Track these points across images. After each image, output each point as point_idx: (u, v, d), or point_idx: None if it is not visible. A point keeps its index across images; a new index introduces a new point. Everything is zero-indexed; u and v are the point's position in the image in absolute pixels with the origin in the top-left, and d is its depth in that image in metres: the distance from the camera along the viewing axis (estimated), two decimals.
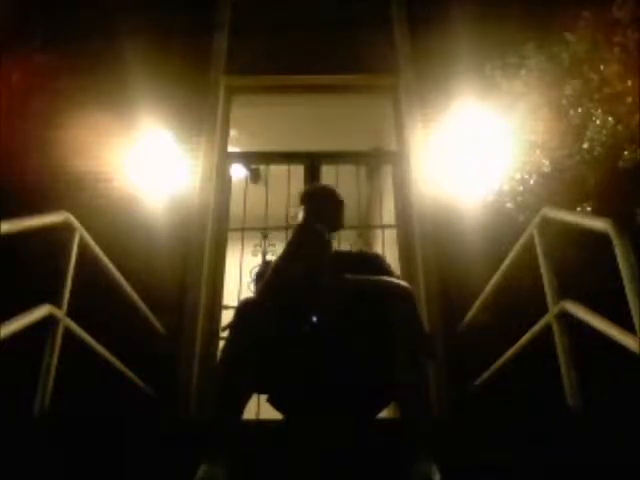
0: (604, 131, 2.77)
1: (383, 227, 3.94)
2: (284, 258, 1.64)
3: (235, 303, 2.96)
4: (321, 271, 1.68)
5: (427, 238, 3.36)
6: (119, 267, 2.53)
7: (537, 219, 2.23)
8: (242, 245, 3.68)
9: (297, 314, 1.66)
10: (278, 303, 1.62)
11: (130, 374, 2.50)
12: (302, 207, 1.92)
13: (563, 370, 1.94)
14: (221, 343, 2.69)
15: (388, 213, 3.89)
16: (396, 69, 4.01)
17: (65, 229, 2.15)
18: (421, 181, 3.52)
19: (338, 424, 1.65)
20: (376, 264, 1.84)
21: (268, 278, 1.63)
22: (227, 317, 1.75)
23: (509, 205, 3.10)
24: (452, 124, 3.62)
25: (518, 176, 3.08)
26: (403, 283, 1.67)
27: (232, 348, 1.56)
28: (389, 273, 1.81)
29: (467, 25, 3.83)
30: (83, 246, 2.25)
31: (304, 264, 1.66)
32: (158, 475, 1.56)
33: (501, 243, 2.82)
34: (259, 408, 2.72)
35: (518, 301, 2.71)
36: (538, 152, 3.03)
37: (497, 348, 2.40)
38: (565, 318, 1.98)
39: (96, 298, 2.75)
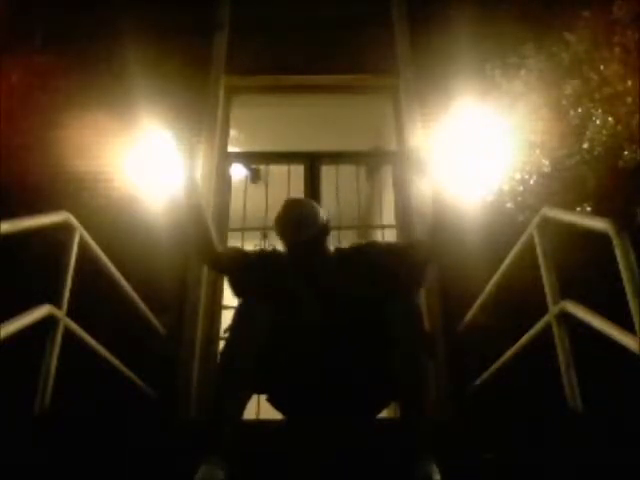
0: (604, 131, 2.77)
1: (383, 227, 3.94)
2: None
3: (235, 303, 2.96)
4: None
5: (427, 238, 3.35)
6: (119, 267, 2.53)
7: (537, 219, 2.23)
8: (242, 245, 3.67)
9: (295, 309, 1.67)
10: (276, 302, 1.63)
11: (130, 374, 2.50)
12: (279, 236, 1.81)
13: (563, 370, 1.94)
14: (221, 343, 2.69)
15: (388, 213, 3.89)
16: (396, 69, 4.01)
17: (65, 229, 2.15)
18: (421, 181, 3.52)
19: (338, 424, 1.66)
20: (373, 253, 1.78)
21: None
22: (227, 317, 1.75)
23: (509, 205, 3.10)
24: (452, 124, 3.61)
25: (518, 176, 3.08)
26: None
27: (231, 349, 1.56)
28: (389, 251, 1.81)
29: (467, 25, 3.83)
30: (83, 246, 2.24)
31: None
32: (158, 475, 1.56)
33: (501, 243, 2.82)
34: (259, 408, 2.72)
35: (518, 301, 2.71)
36: (538, 152, 3.03)
37: (497, 348, 2.40)
38: (565, 318, 1.98)
39: (96, 298, 2.75)
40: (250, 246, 3.77)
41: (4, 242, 1.63)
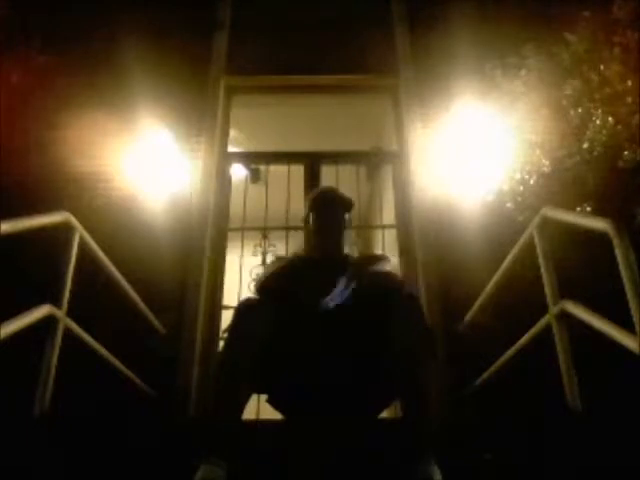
0: (604, 131, 2.77)
1: (383, 227, 3.94)
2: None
3: (235, 303, 2.96)
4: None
5: (427, 238, 3.36)
6: (119, 267, 2.53)
7: (537, 219, 2.23)
8: (242, 245, 3.68)
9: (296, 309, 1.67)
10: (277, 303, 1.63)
11: (130, 374, 2.50)
12: (308, 213, 1.93)
13: (563, 370, 1.94)
14: (221, 343, 2.70)
15: (388, 213, 3.89)
16: (396, 69, 4.01)
17: (65, 229, 2.15)
18: (421, 181, 3.52)
19: (338, 424, 1.65)
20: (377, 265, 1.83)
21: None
22: (227, 317, 1.75)
23: (509, 205, 3.10)
24: (452, 124, 3.62)
25: (518, 176, 3.08)
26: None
27: (230, 349, 1.56)
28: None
29: (467, 25, 3.83)
30: (83, 246, 2.24)
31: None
32: (158, 475, 1.56)
33: (501, 243, 2.82)
34: (259, 408, 2.72)
35: (518, 301, 2.71)
36: (538, 152, 3.03)
37: (497, 348, 2.40)
38: (565, 318, 1.98)
39: (96, 298, 2.75)
40: (250, 246, 3.79)
41: (4, 242, 1.62)
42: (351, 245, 3.50)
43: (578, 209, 2.76)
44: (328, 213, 1.90)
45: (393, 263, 1.90)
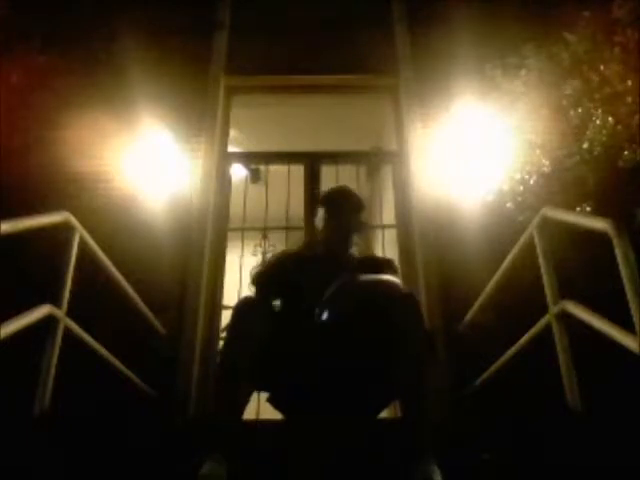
0: (604, 131, 2.77)
1: (383, 227, 3.94)
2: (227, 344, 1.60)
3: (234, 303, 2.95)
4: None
5: (427, 238, 3.36)
6: (119, 267, 2.53)
7: (537, 219, 2.23)
8: (242, 245, 3.68)
9: (297, 310, 1.67)
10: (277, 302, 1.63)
11: (130, 374, 2.50)
12: (322, 210, 1.95)
13: (563, 370, 1.94)
14: (221, 343, 2.70)
15: (388, 213, 3.89)
16: (396, 69, 4.01)
17: (65, 229, 2.15)
18: (421, 181, 3.52)
19: (338, 424, 1.65)
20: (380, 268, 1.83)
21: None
22: (227, 317, 1.75)
23: (509, 205, 3.10)
24: (452, 124, 3.62)
25: (518, 176, 3.08)
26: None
27: (229, 348, 1.56)
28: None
29: (467, 25, 3.83)
30: (83, 246, 2.24)
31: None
32: (158, 475, 1.56)
33: (501, 243, 2.82)
34: (259, 408, 2.72)
35: (518, 301, 2.71)
36: (538, 152, 3.03)
37: (497, 348, 2.40)
38: (565, 318, 1.98)
39: (96, 298, 2.75)
40: (250, 246, 3.80)
41: (4, 242, 1.62)
42: (354, 245, 3.50)
43: (578, 209, 2.76)
44: (340, 212, 1.91)
45: (395, 267, 1.90)
